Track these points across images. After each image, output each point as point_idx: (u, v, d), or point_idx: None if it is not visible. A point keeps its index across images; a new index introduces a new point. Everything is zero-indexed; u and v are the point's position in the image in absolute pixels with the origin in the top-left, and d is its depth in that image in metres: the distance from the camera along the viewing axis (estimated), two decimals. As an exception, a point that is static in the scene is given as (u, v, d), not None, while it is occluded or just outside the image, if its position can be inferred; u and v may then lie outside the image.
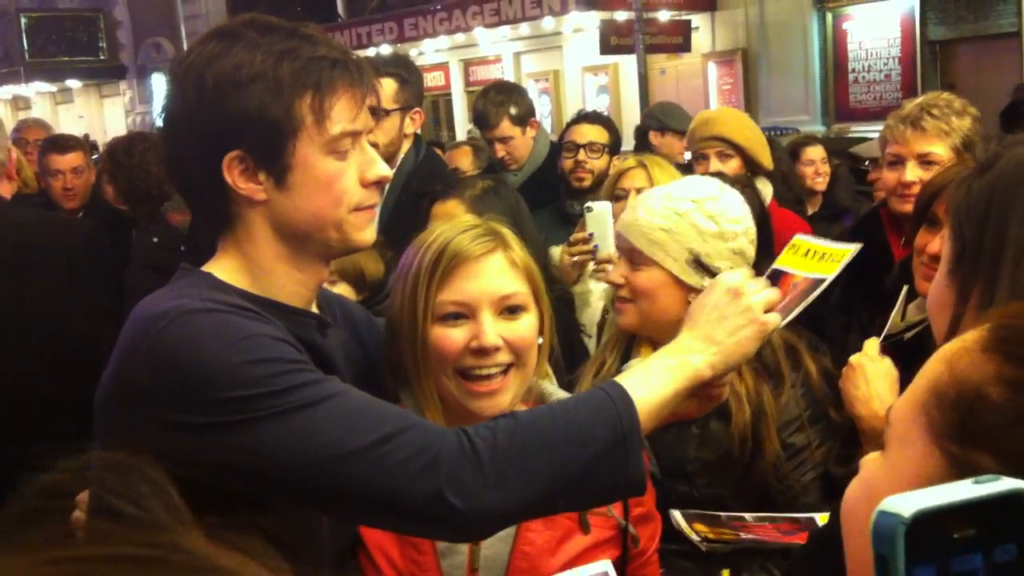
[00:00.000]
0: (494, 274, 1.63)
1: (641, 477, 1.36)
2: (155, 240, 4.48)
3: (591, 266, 3.17)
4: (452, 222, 1.67)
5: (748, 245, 2.20)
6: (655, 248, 2.13)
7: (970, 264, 1.39)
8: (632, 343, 2.27)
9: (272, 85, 1.40)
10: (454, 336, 1.62)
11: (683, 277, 2.13)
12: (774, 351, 2.13)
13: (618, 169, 3.35)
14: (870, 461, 0.89)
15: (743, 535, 1.47)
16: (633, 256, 2.16)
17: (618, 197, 3.19)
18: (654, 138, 5.53)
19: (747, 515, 1.63)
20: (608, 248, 2.94)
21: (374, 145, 3.80)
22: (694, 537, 1.44)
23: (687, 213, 2.13)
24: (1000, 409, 0.77)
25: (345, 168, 1.45)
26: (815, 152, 5.55)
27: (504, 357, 1.62)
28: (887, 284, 2.55)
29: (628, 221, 2.18)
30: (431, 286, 1.60)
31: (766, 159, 3.86)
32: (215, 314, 1.35)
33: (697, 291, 2.11)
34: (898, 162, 2.89)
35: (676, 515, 1.48)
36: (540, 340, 1.69)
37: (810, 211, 5.40)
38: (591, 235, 3.13)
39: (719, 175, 3.57)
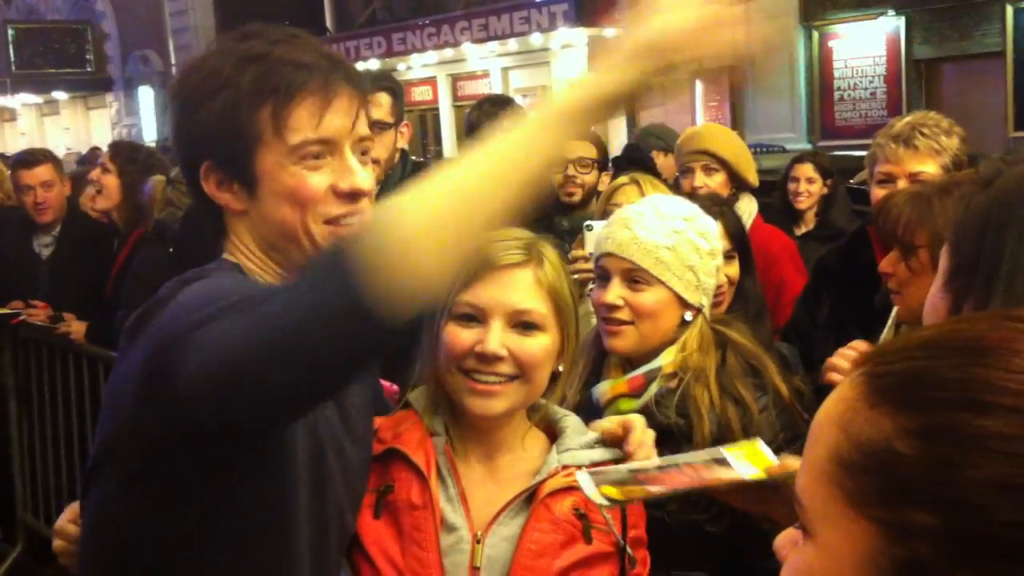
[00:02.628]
0: (515, 287, 1.64)
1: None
2: (171, 250, 4.44)
3: (591, 285, 3.16)
4: (502, 230, 1.61)
5: (720, 264, 2.23)
6: (661, 267, 2.09)
7: (965, 279, 1.39)
8: (603, 364, 2.21)
9: (233, 94, 1.36)
10: (463, 336, 1.63)
11: (686, 295, 2.11)
12: (732, 378, 2.07)
13: (611, 186, 3.34)
14: (801, 551, 0.83)
15: (652, 489, 1.44)
16: (634, 275, 2.11)
17: (607, 214, 3.20)
18: (658, 158, 5.50)
19: (651, 463, 1.59)
20: None
21: (375, 161, 3.80)
22: (603, 502, 1.42)
23: (683, 231, 2.12)
24: (916, 462, 0.73)
25: (314, 177, 1.38)
26: (801, 170, 5.51)
27: (506, 368, 1.62)
28: (876, 302, 2.55)
29: (624, 240, 2.12)
30: (456, 283, 1.62)
31: (751, 174, 3.88)
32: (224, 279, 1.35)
33: (696, 309, 2.12)
34: (889, 180, 2.89)
35: (582, 479, 1.44)
36: (560, 368, 1.69)
37: (804, 230, 5.38)
38: (591, 254, 3.12)
39: (695, 192, 3.60)
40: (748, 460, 1.46)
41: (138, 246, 4.73)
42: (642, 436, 1.71)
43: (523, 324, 1.63)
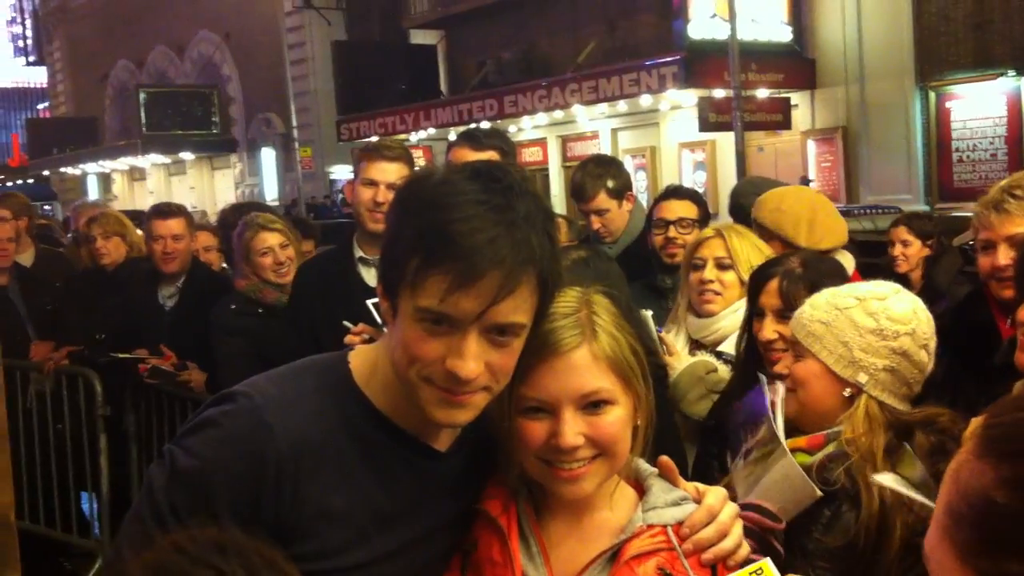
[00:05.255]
0: (576, 371, 1.58)
1: None
2: (232, 307, 4.62)
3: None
4: (556, 300, 1.61)
5: (917, 349, 2.18)
6: (812, 340, 2.21)
7: None
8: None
9: (410, 226, 1.42)
10: (536, 430, 1.59)
11: (836, 369, 2.17)
12: (898, 463, 2.09)
13: (697, 239, 3.34)
14: None
15: None
16: (795, 347, 2.26)
17: (695, 266, 3.19)
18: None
19: None
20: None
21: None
22: None
23: (847, 308, 2.20)
24: (1011, 512, 0.74)
25: (431, 342, 1.42)
26: (896, 233, 5.39)
27: (586, 452, 1.58)
28: (996, 359, 2.51)
29: (796, 314, 2.29)
30: (516, 376, 1.58)
31: (802, 236, 3.57)
32: (226, 445, 1.45)
33: (852, 386, 2.15)
34: (989, 247, 2.87)
35: None
36: (638, 423, 1.65)
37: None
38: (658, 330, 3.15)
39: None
40: None
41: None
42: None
43: (592, 404, 1.59)
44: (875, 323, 2.16)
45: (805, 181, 14.88)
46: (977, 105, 14.89)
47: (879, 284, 2.29)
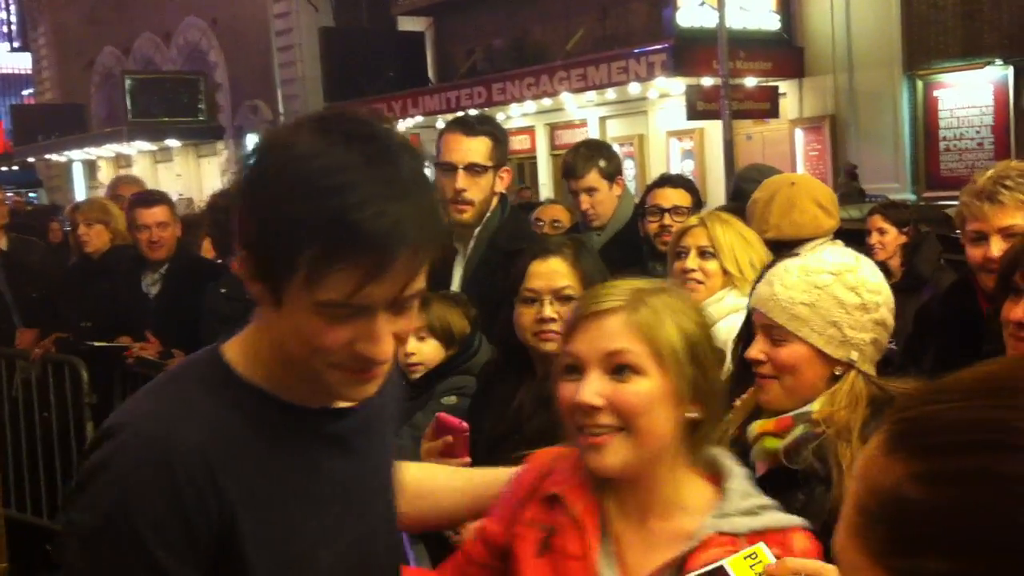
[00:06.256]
0: (606, 332, 1.57)
1: None
2: (223, 291, 4.59)
3: None
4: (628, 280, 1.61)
5: (888, 314, 2.16)
6: (798, 323, 2.10)
7: None
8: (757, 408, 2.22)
9: (288, 209, 1.23)
10: (567, 390, 1.59)
11: (828, 351, 2.09)
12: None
13: (680, 228, 3.33)
14: None
15: None
16: (773, 332, 2.13)
17: (679, 255, 3.18)
18: None
19: None
20: None
21: (469, 203, 3.84)
22: None
23: (827, 286, 2.10)
24: (923, 507, 0.72)
25: (333, 331, 1.28)
26: (872, 221, 5.46)
27: (607, 419, 1.55)
28: (985, 351, 2.50)
29: (765, 295, 2.15)
30: (563, 337, 1.61)
31: (754, 223, 3.46)
32: (123, 484, 1.28)
33: (843, 364, 2.08)
34: (981, 238, 2.86)
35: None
36: (696, 415, 1.60)
37: (892, 281, 5.27)
38: None
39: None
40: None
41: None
42: None
43: (618, 368, 1.56)
44: (858, 298, 2.10)
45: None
46: (964, 94, 14.93)
47: (839, 254, 2.22)
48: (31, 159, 33.65)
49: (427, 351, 3.14)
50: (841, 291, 2.10)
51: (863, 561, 0.76)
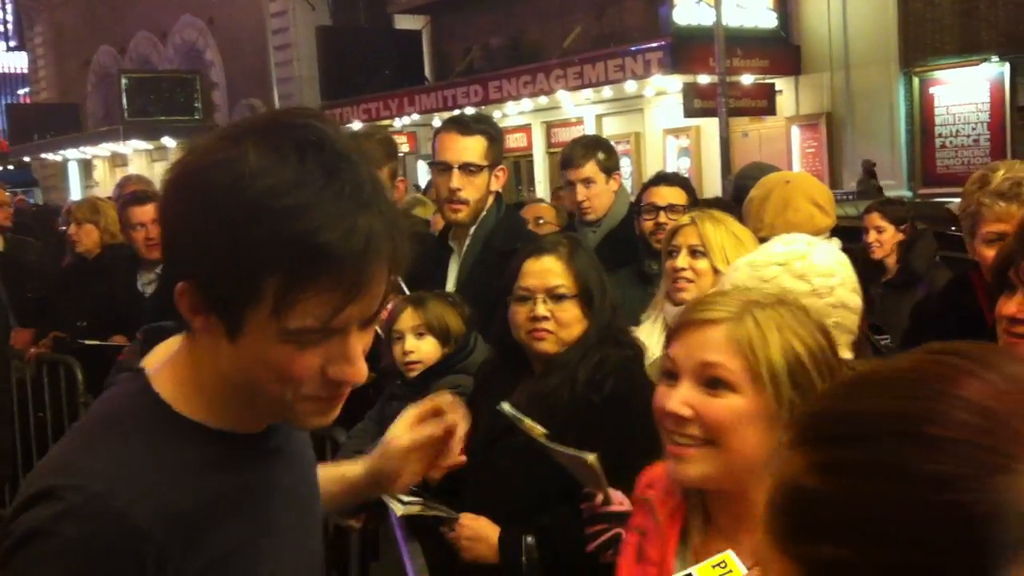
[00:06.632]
0: (704, 343, 1.53)
1: None
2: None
3: None
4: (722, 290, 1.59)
5: (850, 294, 2.13)
6: None
7: None
8: None
9: (245, 231, 1.11)
10: (659, 395, 1.58)
11: None
12: None
13: (672, 227, 3.31)
14: None
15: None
16: None
17: (671, 253, 3.17)
18: None
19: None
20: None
21: (464, 202, 3.83)
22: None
23: (774, 278, 2.08)
24: (819, 496, 0.74)
25: (304, 358, 1.18)
26: (869, 219, 5.45)
27: (693, 430, 1.52)
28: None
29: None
30: (667, 339, 1.60)
31: (749, 223, 3.47)
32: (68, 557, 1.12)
33: None
34: (1001, 239, 2.79)
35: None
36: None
37: (888, 278, 5.28)
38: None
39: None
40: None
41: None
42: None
43: (712, 381, 1.52)
44: (808, 284, 2.07)
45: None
46: (960, 91, 14.94)
47: (790, 240, 2.19)
48: (27, 158, 33.62)
49: (426, 349, 3.14)
50: (789, 281, 2.07)
51: (771, 552, 0.78)
